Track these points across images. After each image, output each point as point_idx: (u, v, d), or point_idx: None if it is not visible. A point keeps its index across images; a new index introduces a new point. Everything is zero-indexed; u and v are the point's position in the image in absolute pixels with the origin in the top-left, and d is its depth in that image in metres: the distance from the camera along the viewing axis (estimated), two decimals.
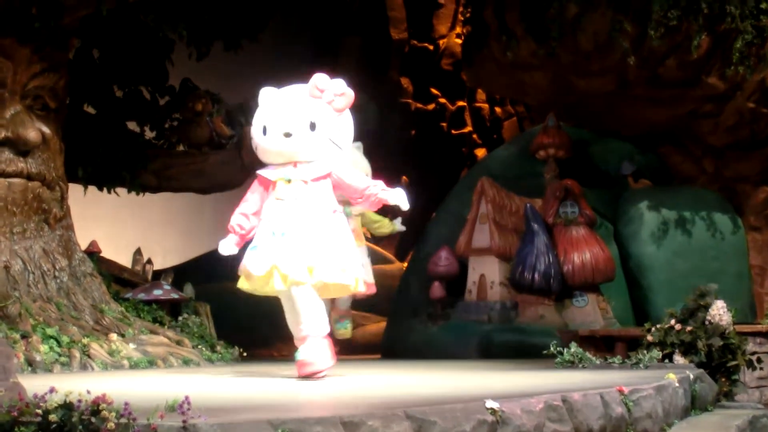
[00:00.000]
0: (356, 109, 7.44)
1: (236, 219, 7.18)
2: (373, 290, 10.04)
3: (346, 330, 11.10)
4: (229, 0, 12.25)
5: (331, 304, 9.81)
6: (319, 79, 7.14)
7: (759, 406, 8.16)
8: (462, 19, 18.70)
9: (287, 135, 7.03)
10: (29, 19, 10.03)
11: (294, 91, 7.27)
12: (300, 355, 7.00)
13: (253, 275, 6.96)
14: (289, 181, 7.07)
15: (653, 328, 9.01)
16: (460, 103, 20.41)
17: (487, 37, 13.61)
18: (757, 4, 11.96)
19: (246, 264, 7.01)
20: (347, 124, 7.32)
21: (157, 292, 11.88)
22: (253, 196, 7.25)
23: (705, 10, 11.83)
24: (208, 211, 17.19)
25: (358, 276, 7.30)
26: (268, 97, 7.32)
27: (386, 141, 18.32)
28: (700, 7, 11.78)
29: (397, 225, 11.82)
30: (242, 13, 12.58)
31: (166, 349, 10.19)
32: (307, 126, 7.05)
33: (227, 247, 7.12)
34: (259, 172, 7.28)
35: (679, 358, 8.61)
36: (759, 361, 9.14)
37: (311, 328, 7.03)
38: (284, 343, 12.66)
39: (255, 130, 7.26)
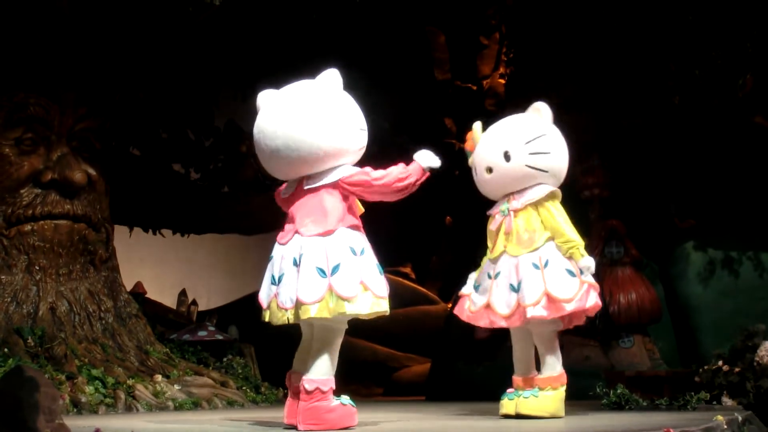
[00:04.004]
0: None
1: None
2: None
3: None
4: (274, 41, 12.32)
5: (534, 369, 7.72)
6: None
7: None
8: (505, 59, 18.71)
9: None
10: (75, 64, 10.15)
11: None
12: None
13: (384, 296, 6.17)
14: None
15: (700, 369, 8.92)
16: None
17: (530, 77, 13.62)
18: None
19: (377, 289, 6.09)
20: None
21: (202, 333, 11.92)
22: None
23: (750, 49, 11.79)
24: (253, 252, 17.25)
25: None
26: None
27: (429, 181, 18.31)
28: (745, 46, 11.74)
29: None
30: (288, 54, 12.64)
31: (210, 391, 10.19)
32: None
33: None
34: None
35: (727, 400, 8.52)
36: None
37: None
38: None
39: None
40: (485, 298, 7.49)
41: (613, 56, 12.53)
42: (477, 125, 7.76)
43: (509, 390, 7.55)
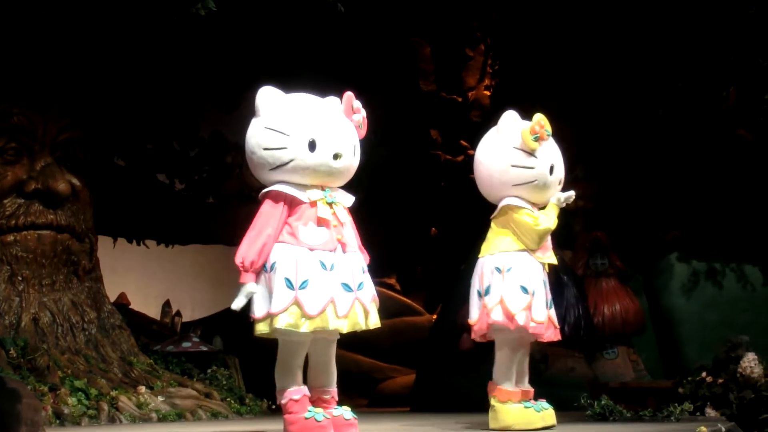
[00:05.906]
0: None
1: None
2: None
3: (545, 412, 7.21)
4: (260, 52, 12.30)
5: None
6: (354, 98, 6.39)
7: None
8: (491, 71, 18.76)
9: (337, 156, 6.05)
10: (59, 74, 10.13)
11: (334, 105, 6.28)
12: (351, 414, 6.10)
13: (310, 314, 5.78)
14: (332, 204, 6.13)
15: (684, 381, 8.93)
16: None
17: (515, 88, 13.64)
18: None
19: (303, 302, 5.79)
20: None
21: (186, 345, 11.89)
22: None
23: (733, 62, 11.83)
24: None
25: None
26: (303, 104, 6.17)
27: (415, 192, 18.35)
28: (728, 58, 11.78)
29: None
30: (274, 65, 12.62)
31: (194, 402, 10.16)
32: (352, 149, 6.26)
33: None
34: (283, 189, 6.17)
35: (710, 411, 8.54)
36: None
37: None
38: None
39: (296, 143, 5.99)
40: (546, 310, 7.12)
41: (598, 68, 12.56)
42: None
43: (530, 402, 7.20)
